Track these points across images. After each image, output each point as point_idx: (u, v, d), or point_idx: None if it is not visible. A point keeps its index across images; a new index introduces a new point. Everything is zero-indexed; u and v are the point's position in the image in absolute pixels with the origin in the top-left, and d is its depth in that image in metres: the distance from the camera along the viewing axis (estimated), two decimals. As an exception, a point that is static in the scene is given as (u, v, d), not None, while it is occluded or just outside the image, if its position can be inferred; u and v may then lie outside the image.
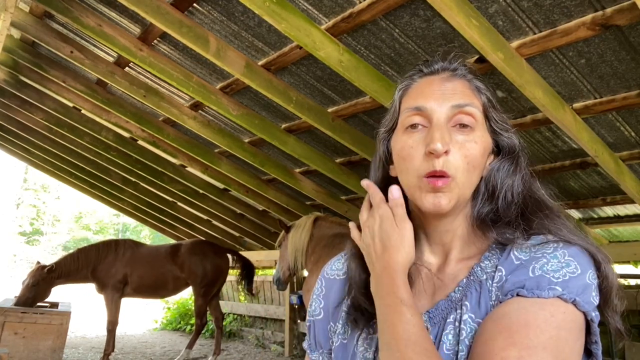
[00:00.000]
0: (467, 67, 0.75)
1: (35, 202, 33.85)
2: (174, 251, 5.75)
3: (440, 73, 0.74)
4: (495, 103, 0.75)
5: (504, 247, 0.70)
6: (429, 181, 0.67)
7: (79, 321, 8.72)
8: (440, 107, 0.69)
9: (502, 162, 0.74)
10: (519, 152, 0.75)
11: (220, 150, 4.41)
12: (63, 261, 5.37)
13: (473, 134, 0.69)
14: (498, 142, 0.75)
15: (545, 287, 0.59)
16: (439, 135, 0.66)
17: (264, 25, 2.48)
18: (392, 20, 2.17)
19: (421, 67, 0.77)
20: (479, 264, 0.70)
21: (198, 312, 5.71)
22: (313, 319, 0.85)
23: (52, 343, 4.57)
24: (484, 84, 0.75)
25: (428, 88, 0.72)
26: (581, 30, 1.89)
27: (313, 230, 3.82)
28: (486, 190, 0.73)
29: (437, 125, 0.68)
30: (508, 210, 0.72)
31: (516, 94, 2.42)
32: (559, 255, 0.63)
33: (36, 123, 5.11)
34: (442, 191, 0.67)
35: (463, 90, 0.71)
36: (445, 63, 0.75)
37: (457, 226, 0.74)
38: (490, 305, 0.65)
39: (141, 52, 2.97)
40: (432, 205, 0.67)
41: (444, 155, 0.66)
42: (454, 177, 0.67)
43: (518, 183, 0.73)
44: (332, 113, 3.12)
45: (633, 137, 2.58)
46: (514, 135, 0.76)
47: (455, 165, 0.67)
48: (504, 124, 0.75)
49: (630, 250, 3.75)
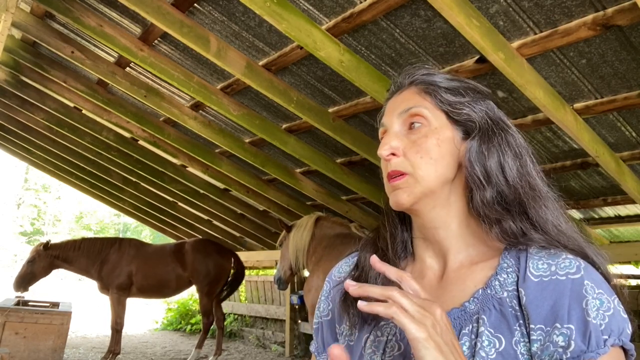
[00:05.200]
0: (418, 72, 0.79)
1: (36, 202, 33.90)
2: (178, 250, 5.75)
3: (397, 91, 0.81)
4: (442, 96, 0.75)
5: (517, 255, 0.69)
6: (389, 181, 0.74)
7: (80, 321, 8.73)
8: (391, 118, 0.78)
9: (471, 142, 0.74)
10: (484, 126, 0.74)
11: (221, 151, 4.41)
12: (65, 244, 5.40)
13: (424, 130, 0.74)
14: (460, 122, 0.75)
15: (601, 343, 0.60)
16: (384, 141, 0.75)
17: (264, 25, 2.48)
18: (393, 20, 2.17)
19: (388, 91, 0.86)
20: (496, 276, 0.69)
21: (204, 311, 5.71)
22: (321, 320, 0.85)
23: (52, 343, 4.58)
24: (430, 78, 0.77)
25: (388, 107, 0.81)
26: (582, 30, 1.89)
27: (315, 230, 3.82)
28: (470, 175, 0.73)
29: (387, 134, 0.77)
30: (505, 196, 0.71)
31: (517, 94, 2.42)
32: (591, 288, 0.63)
33: (37, 123, 5.11)
34: (400, 187, 0.73)
35: (410, 97, 0.77)
36: (401, 80, 0.82)
37: (448, 221, 0.74)
38: (520, 332, 0.64)
39: (142, 53, 2.97)
40: (394, 202, 0.74)
41: (393, 157, 0.73)
42: (410, 173, 0.72)
43: (508, 161, 0.72)
44: (333, 113, 3.12)
45: (634, 138, 2.58)
46: (474, 110, 0.75)
47: (410, 163, 0.73)
48: (458, 108, 0.74)
49: (631, 251, 3.75)
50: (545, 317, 0.62)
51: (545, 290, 0.64)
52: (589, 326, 0.60)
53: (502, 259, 0.70)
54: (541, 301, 0.63)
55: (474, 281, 0.71)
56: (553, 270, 0.65)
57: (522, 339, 0.63)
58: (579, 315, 0.61)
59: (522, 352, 0.63)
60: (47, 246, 5.22)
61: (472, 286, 0.70)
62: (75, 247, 5.37)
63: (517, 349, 0.63)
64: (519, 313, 0.65)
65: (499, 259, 0.71)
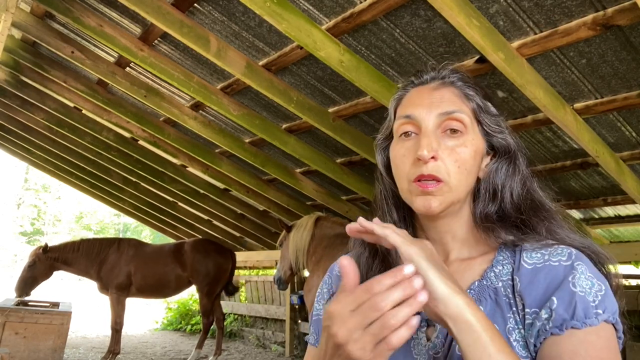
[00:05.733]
0: (456, 75, 0.78)
1: (36, 202, 33.91)
2: (177, 250, 5.75)
3: (430, 83, 0.78)
4: (485, 107, 0.76)
5: (513, 249, 0.72)
6: (418, 185, 0.70)
7: (80, 321, 8.73)
8: (428, 115, 0.73)
9: (499, 163, 0.76)
10: (515, 152, 0.77)
11: (221, 151, 4.41)
12: (63, 246, 5.39)
13: (463, 138, 0.72)
14: (492, 143, 0.77)
15: (591, 315, 0.61)
16: (426, 142, 0.70)
17: (264, 25, 2.48)
18: (393, 20, 2.17)
19: (412, 78, 0.81)
20: (492, 268, 0.72)
21: (204, 311, 5.70)
22: (320, 313, 0.86)
23: (52, 343, 4.57)
24: (473, 90, 0.77)
25: (418, 98, 0.76)
26: (582, 30, 1.89)
27: (315, 230, 3.82)
28: (486, 191, 0.76)
29: (425, 132, 0.72)
30: (510, 210, 0.74)
31: (517, 94, 2.41)
32: (581, 270, 0.64)
33: (37, 123, 5.11)
34: (433, 194, 0.70)
35: (451, 98, 0.74)
36: (435, 73, 0.79)
37: (457, 227, 0.76)
38: (513, 319, 0.66)
39: (142, 52, 2.97)
40: (423, 207, 0.71)
41: (432, 160, 0.70)
42: (446, 181, 0.70)
43: (517, 184, 0.75)
44: (333, 113, 3.12)
45: (634, 137, 2.58)
46: (509, 135, 0.77)
47: (446, 169, 0.70)
48: (497, 126, 0.77)
49: (631, 251, 3.75)
50: (540, 301, 0.64)
51: (538, 274, 0.66)
52: (575, 297, 0.62)
53: (499, 253, 0.73)
54: (535, 285, 0.66)
55: (472, 274, 0.73)
56: (546, 258, 0.68)
57: (517, 326, 0.65)
58: (563, 288, 0.63)
59: (517, 338, 0.65)
60: (46, 249, 5.23)
61: (469, 279, 0.73)
62: (74, 249, 5.37)
63: (510, 336, 0.65)
64: (512, 301, 0.67)
65: (495, 253, 0.74)
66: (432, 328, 0.72)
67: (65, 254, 5.31)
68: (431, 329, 0.72)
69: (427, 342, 0.71)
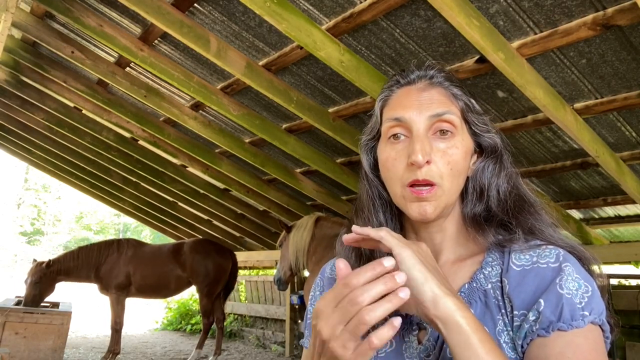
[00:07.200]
0: (443, 74, 0.77)
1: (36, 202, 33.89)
2: (177, 250, 5.75)
3: (417, 82, 0.76)
4: (473, 106, 0.76)
5: (502, 249, 0.72)
6: (412, 190, 0.69)
7: (80, 321, 8.73)
8: (419, 117, 0.71)
9: (486, 162, 0.77)
10: (501, 151, 0.77)
11: (221, 151, 4.41)
12: (63, 258, 5.40)
13: (454, 140, 0.71)
14: (480, 142, 0.77)
15: (577, 317, 0.61)
16: (420, 146, 0.68)
17: (264, 25, 2.48)
18: (393, 20, 2.17)
19: (398, 77, 0.79)
20: (481, 270, 0.72)
21: (204, 311, 5.70)
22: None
23: (52, 343, 4.58)
24: (461, 89, 0.76)
25: (406, 99, 0.74)
26: (582, 30, 1.89)
27: (315, 230, 3.82)
28: (474, 190, 0.76)
29: (417, 136, 0.70)
30: (497, 208, 0.75)
31: (517, 94, 2.42)
32: (568, 272, 0.64)
33: (37, 123, 5.11)
34: (428, 200, 0.69)
35: (440, 99, 0.73)
36: (421, 72, 0.77)
37: (447, 227, 0.76)
38: (502, 321, 0.66)
39: (142, 52, 2.97)
40: (419, 215, 0.70)
41: (425, 165, 0.68)
42: (439, 184, 0.69)
43: (503, 180, 0.76)
44: (333, 113, 3.12)
45: (634, 137, 2.58)
46: (496, 135, 0.78)
47: (439, 173, 0.69)
48: (484, 125, 0.76)
49: (631, 251, 3.74)
50: (528, 303, 0.64)
51: (526, 276, 0.66)
52: (562, 299, 0.62)
53: (487, 254, 0.73)
54: (523, 287, 0.66)
55: (462, 277, 0.73)
56: (535, 260, 0.68)
57: (506, 328, 0.65)
58: (551, 290, 0.63)
59: (506, 340, 0.65)
60: (49, 265, 5.23)
61: (459, 282, 0.73)
62: (73, 257, 5.39)
63: (500, 338, 0.65)
64: (501, 303, 0.67)
65: (485, 254, 0.74)
66: (423, 331, 0.72)
67: (66, 263, 5.33)
68: (423, 332, 0.72)
69: (418, 345, 0.71)
